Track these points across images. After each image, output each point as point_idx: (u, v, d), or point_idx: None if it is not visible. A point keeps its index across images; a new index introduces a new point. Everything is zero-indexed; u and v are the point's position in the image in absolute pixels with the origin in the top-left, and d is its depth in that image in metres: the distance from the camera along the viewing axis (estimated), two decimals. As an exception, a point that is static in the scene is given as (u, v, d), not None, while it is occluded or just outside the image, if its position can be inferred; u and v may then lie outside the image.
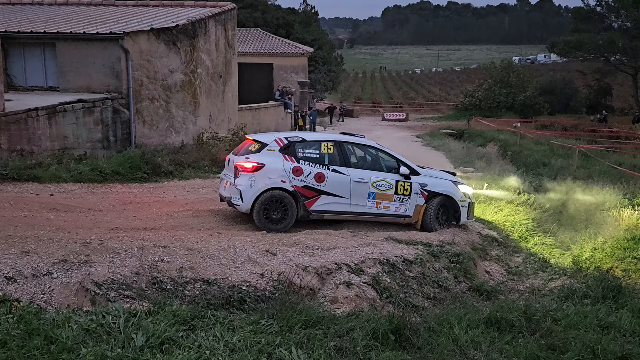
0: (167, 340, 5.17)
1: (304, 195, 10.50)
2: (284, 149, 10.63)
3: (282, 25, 54.78)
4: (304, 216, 10.60)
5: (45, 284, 6.54)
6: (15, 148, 13.59)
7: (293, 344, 5.45)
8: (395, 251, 9.24)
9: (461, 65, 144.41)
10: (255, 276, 7.55)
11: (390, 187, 10.97)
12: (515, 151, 28.07)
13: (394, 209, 11.06)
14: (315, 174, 10.55)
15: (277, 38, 44.22)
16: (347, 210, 10.81)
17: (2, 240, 7.98)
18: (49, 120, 14.51)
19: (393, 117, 57.53)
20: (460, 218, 11.44)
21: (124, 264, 7.24)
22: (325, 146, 10.87)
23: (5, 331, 4.91)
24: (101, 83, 17.12)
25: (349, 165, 10.88)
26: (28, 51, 17.83)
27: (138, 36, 17.50)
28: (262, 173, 10.35)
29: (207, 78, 21.39)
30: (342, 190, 10.70)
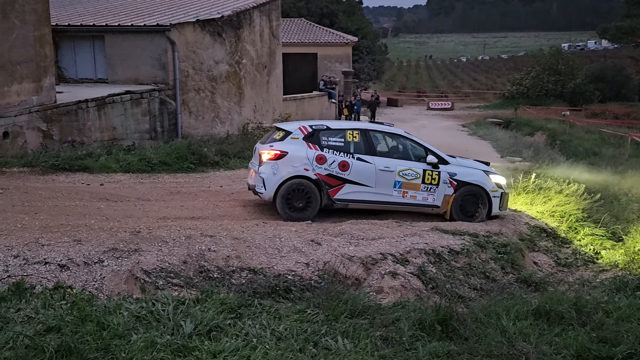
0: (214, 327, 5.23)
1: (328, 183, 10.39)
2: (308, 137, 10.53)
3: (326, 14, 54.63)
4: (328, 205, 10.48)
5: (97, 272, 6.69)
6: (66, 139, 13.92)
7: (339, 333, 5.46)
8: (441, 241, 9.15)
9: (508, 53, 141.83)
10: (300, 265, 7.58)
11: (418, 176, 10.74)
12: (564, 140, 27.47)
13: (422, 199, 10.81)
14: (340, 163, 10.43)
15: (321, 28, 44.13)
16: (372, 199, 10.64)
17: (55, 229, 8.20)
18: (98, 111, 14.81)
19: (438, 106, 56.95)
20: (492, 209, 11.08)
21: (172, 252, 7.36)
22: (351, 134, 10.71)
23: (59, 317, 5.05)
24: (148, 75, 17.38)
25: (375, 154, 10.69)
26: (78, 44, 18.21)
27: (184, 28, 17.70)
28: (285, 161, 10.29)
29: (251, 68, 21.51)
30: (367, 179, 10.53)
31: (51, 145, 13.42)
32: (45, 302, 5.52)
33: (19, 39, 12.47)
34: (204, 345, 4.86)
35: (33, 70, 12.92)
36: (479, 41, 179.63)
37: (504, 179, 11.67)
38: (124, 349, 4.65)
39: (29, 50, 12.77)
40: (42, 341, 4.55)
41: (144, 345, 4.69)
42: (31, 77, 12.88)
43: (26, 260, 6.65)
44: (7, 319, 5.03)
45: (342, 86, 38.13)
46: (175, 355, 4.69)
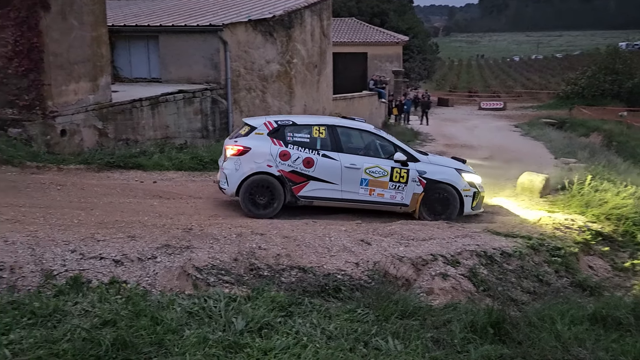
0: (265, 325, 5.26)
1: (292, 180, 10.27)
2: (272, 133, 10.42)
3: (376, 14, 54.45)
4: (292, 202, 10.36)
5: (150, 268, 6.82)
6: (121, 137, 14.22)
7: (389, 334, 5.42)
8: (493, 243, 9.00)
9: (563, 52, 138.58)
10: (350, 265, 7.57)
11: (385, 174, 10.52)
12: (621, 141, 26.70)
13: (389, 197, 10.60)
14: (304, 159, 10.29)
15: (371, 27, 44.01)
16: (337, 197, 10.49)
17: (110, 225, 8.40)
18: (152, 110, 15.08)
19: (490, 106, 56.08)
20: (464, 208, 10.84)
21: (223, 250, 7.44)
22: (317, 130, 10.56)
23: (115, 311, 5.15)
24: (201, 74, 17.62)
25: (341, 151, 10.51)
26: (133, 44, 18.59)
27: (236, 27, 17.88)
28: (247, 157, 10.21)
29: (302, 68, 21.59)
30: (332, 176, 10.37)
31: (106, 143, 13.73)
32: (101, 297, 5.65)
33: (77, 39, 12.79)
34: (255, 342, 4.89)
35: (90, 70, 13.23)
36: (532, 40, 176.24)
37: (478, 178, 11.40)
38: (177, 344, 4.71)
39: (86, 50, 13.09)
40: (98, 334, 4.65)
41: (196, 341, 4.75)
42: (88, 77, 13.20)
43: (82, 255, 6.83)
44: (65, 312, 5.16)
45: (392, 86, 37.94)
46: (227, 352, 4.73)
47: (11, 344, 4.49)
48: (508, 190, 14.51)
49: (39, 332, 4.68)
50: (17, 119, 12.34)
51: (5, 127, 12.35)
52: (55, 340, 4.56)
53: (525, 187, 13.59)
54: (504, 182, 16.27)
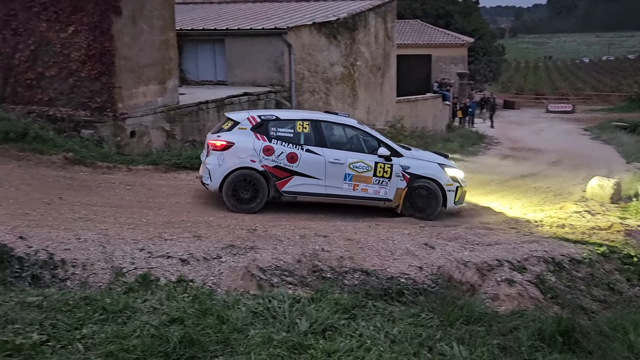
0: (329, 327, 5.26)
1: (275, 175, 10.19)
2: (256, 128, 10.33)
3: (441, 15, 53.83)
4: (276, 197, 10.29)
5: (215, 267, 6.94)
6: (187, 138, 14.51)
7: (454, 339, 5.34)
8: (561, 249, 8.75)
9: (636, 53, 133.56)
10: (413, 269, 7.51)
11: (369, 169, 10.45)
12: (698, 146, 25.53)
13: (373, 192, 10.52)
14: (288, 154, 10.21)
15: (435, 29, 43.57)
16: (321, 192, 10.41)
17: (177, 225, 8.58)
18: (217, 112, 15.33)
19: (558, 109, 54.62)
20: (447, 203, 10.79)
21: (286, 251, 7.50)
22: (301, 125, 10.46)
23: (182, 309, 5.26)
24: (265, 77, 17.82)
25: (325, 146, 10.44)
26: (200, 47, 18.97)
27: (301, 30, 18.01)
28: (231, 152, 10.14)
29: (365, 70, 21.56)
30: (316, 171, 10.30)
31: (173, 144, 14.03)
32: (169, 294, 5.78)
33: (146, 43, 13.13)
34: (319, 344, 4.90)
35: (159, 73, 13.56)
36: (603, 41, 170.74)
37: (461, 173, 11.31)
38: (243, 344, 4.77)
39: (155, 54, 13.42)
40: (166, 331, 4.75)
41: (261, 341, 4.79)
42: (157, 79, 13.52)
43: (150, 253, 7.01)
44: (135, 308, 5.30)
45: (457, 88, 37.45)
46: (291, 352, 4.76)
47: (84, 338, 4.64)
48: (577, 195, 14.12)
49: (110, 327, 4.82)
50: (90, 121, 12.75)
51: (78, 128, 12.78)
52: (126, 336, 4.69)
53: (595, 193, 13.17)
54: (572, 187, 15.85)
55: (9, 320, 4.79)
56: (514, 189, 15.74)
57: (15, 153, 11.60)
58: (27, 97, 13.29)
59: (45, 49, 12.91)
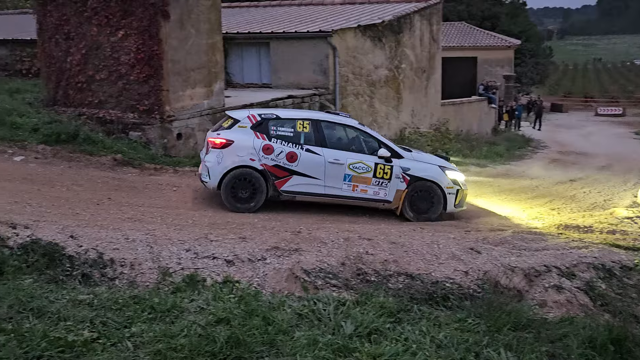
0: (374, 330, 5.23)
1: (274, 174, 10.16)
2: (256, 126, 10.30)
3: (487, 17, 53.14)
4: (274, 196, 10.26)
5: (259, 269, 6.98)
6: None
7: (502, 346, 5.24)
8: (612, 256, 8.50)
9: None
10: (459, 273, 7.40)
11: (368, 170, 10.42)
12: None
13: (372, 193, 10.50)
14: (287, 153, 10.17)
15: (481, 31, 43.05)
16: (320, 192, 10.37)
17: (222, 226, 8.67)
18: (262, 115, 15.43)
19: (607, 112, 53.45)
20: (447, 206, 10.73)
21: (330, 253, 7.49)
22: (301, 125, 10.42)
23: (228, 309, 5.31)
24: (309, 79, 17.86)
25: (325, 146, 10.40)
26: (245, 51, 19.15)
27: (345, 33, 18.01)
28: (230, 150, 10.10)
29: (410, 73, 21.44)
30: (316, 171, 10.26)
31: (219, 146, 14.18)
32: (215, 295, 5.84)
33: (193, 46, 13.31)
34: (364, 347, 4.88)
35: (205, 76, 13.73)
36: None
37: (462, 176, 11.19)
38: (288, 345, 4.78)
39: (202, 57, 13.59)
40: (213, 331, 4.80)
41: (306, 343, 4.80)
42: (203, 82, 13.70)
43: (196, 254, 7.09)
44: (182, 308, 5.37)
45: (503, 91, 36.93)
46: (337, 355, 4.75)
47: (133, 336, 4.72)
48: (628, 200, 13.77)
49: (158, 326, 4.89)
50: (138, 123, 13.01)
51: (126, 130, 13.05)
52: (173, 335, 4.75)
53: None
54: (622, 192, 15.47)
55: (61, 317, 4.91)
56: (561, 194, 15.44)
57: (67, 154, 11.91)
58: (78, 99, 13.64)
59: (96, 53, 13.23)
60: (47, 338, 4.48)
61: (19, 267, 6.08)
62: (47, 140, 12.15)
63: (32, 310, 5.00)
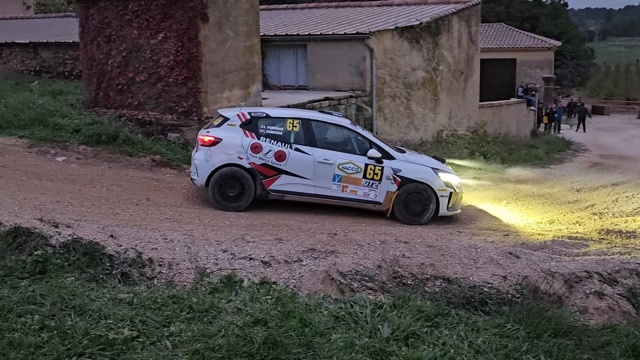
0: (411, 334, 5.19)
1: (262, 173, 10.10)
2: (245, 125, 10.26)
3: (527, 18, 52.43)
4: (262, 195, 10.18)
5: (296, 270, 6.99)
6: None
7: (542, 352, 5.15)
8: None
9: None
10: (497, 278, 7.31)
11: (358, 171, 10.28)
12: None
13: (362, 194, 10.35)
14: (276, 152, 10.10)
15: (520, 32, 42.44)
16: (309, 192, 10.27)
17: (259, 227, 8.72)
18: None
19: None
20: (440, 209, 10.47)
21: (366, 256, 7.47)
22: (291, 124, 10.36)
23: (265, 311, 5.33)
24: (346, 81, 17.83)
25: (315, 145, 10.30)
26: (282, 52, 19.21)
27: (383, 35, 17.94)
28: (218, 148, 10.07)
29: (448, 75, 21.26)
30: (304, 170, 10.16)
31: (256, 148, 14.25)
32: (252, 296, 5.87)
33: (231, 49, 13.42)
34: (402, 350, 4.85)
35: (242, 78, 13.83)
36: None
37: (456, 179, 10.97)
38: (325, 347, 4.77)
39: (239, 59, 13.69)
40: (250, 332, 4.83)
41: (343, 345, 4.79)
42: (241, 84, 13.80)
43: (233, 255, 7.14)
44: (220, 308, 5.41)
45: (542, 93, 36.38)
46: (373, 358, 4.72)
47: (171, 335, 4.77)
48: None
49: (197, 326, 4.94)
50: (176, 124, 13.16)
51: (165, 131, 13.22)
52: (211, 335, 4.79)
53: (692, 203, 12.50)
54: (666, 197, 15.08)
55: (102, 316, 5.00)
56: (604, 198, 15.12)
57: (107, 155, 12.12)
58: (118, 101, 13.87)
59: (136, 55, 13.44)
60: (88, 335, 4.56)
61: (61, 266, 6.21)
62: (88, 141, 12.39)
63: (74, 308, 5.10)
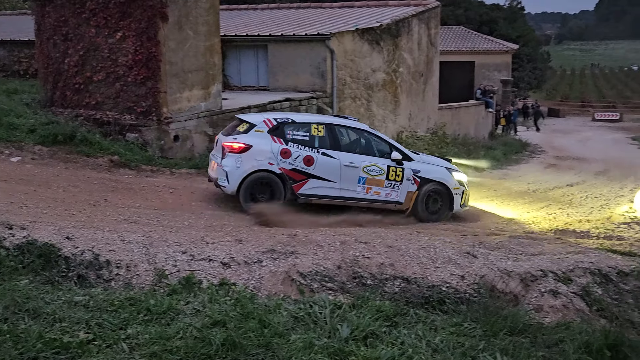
0: (370, 334, 5.22)
1: (292, 178, 10.29)
2: (272, 130, 10.42)
3: (485, 22, 53.31)
4: (292, 200, 10.37)
5: (255, 271, 6.97)
6: (230, 143, 14.62)
7: (498, 350, 5.24)
8: (608, 261, 8.52)
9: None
10: (455, 277, 7.41)
11: (382, 173, 10.74)
12: None
13: (385, 195, 10.80)
14: (304, 157, 10.34)
15: (479, 35, 43.08)
16: (336, 195, 10.59)
17: (219, 229, 8.68)
18: (260, 117, 15.43)
19: (604, 118, 53.54)
20: (454, 206, 11.22)
21: (326, 257, 7.49)
22: (316, 129, 10.61)
23: (224, 312, 5.29)
24: (307, 82, 17.85)
25: (340, 149, 10.64)
26: (243, 53, 19.13)
27: (343, 36, 18.01)
28: (249, 154, 10.18)
29: (408, 77, 21.45)
30: (332, 174, 10.46)
31: (216, 148, 14.17)
32: (211, 297, 5.83)
33: (191, 48, 13.30)
34: (360, 350, 4.87)
35: (202, 78, 13.72)
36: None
37: (465, 177, 11.67)
38: (284, 348, 4.76)
39: (199, 59, 13.58)
40: (209, 334, 4.79)
41: (302, 346, 4.78)
42: (200, 85, 13.69)
43: (193, 256, 7.08)
44: (178, 310, 5.35)
45: (500, 95, 36.98)
46: (332, 358, 4.72)
47: (128, 338, 4.70)
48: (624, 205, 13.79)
49: (154, 328, 4.87)
50: (135, 125, 12.99)
51: (123, 132, 13.04)
52: (169, 337, 4.73)
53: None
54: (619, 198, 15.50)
55: (57, 319, 4.90)
56: (558, 199, 15.47)
57: (63, 155, 11.90)
58: (75, 100, 13.63)
59: (94, 54, 13.23)
60: (42, 339, 4.46)
61: (15, 268, 6.08)
62: (44, 141, 12.14)
63: (28, 311, 4.99)
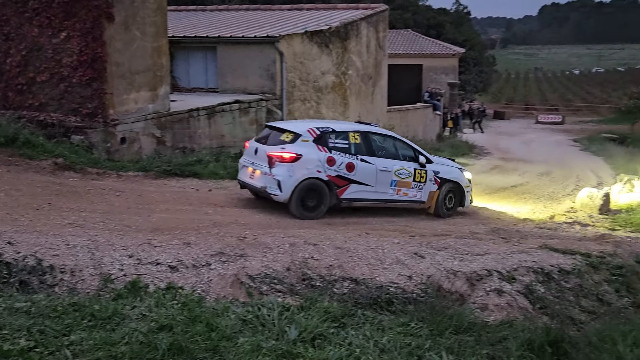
0: (318, 335, 5.23)
1: (336, 184, 10.98)
2: (317, 140, 11.01)
3: (432, 25, 54.11)
4: (336, 204, 11.08)
5: (204, 274, 6.91)
6: (178, 145, 14.50)
7: (443, 349, 5.33)
8: (551, 260, 8.77)
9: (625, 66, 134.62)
10: (403, 278, 7.50)
11: (410, 175, 11.75)
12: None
13: (411, 195, 11.86)
14: (347, 164, 11.06)
15: (427, 39, 43.76)
16: (373, 197, 11.48)
17: (167, 232, 8.56)
18: (208, 119, 15.35)
19: (547, 120, 55.04)
20: (465, 203, 12.55)
21: (276, 259, 7.48)
22: (353, 136, 11.38)
23: (171, 316, 5.22)
24: (256, 84, 17.83)
25: (374, 155, 11.47)
26: (192, 55, 18.97)
27: (292, 39, 18.05)
28: (300, 163, 10.70)
29: (357, 79, 21.62)
30: (369, 178, 11.27)
31: (164, 151, 14.01)
32: (158, 301, 5.74)
33: (138, 49, 13.13)
34: (308, 352, 4.88)
35: (150, 80, 13.56)
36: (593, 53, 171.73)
37: (471, 175, 13.19)
38: (232, 351, 4.73)
39: (147, 61, 13.42)
40: (155, 338, 4.72)
41: (250, 349, 4.76)
42: (148, 86, 13.52)
43: (140, 260, 6.97)
44: (124, 315, 5.26)
45: (448, 98, 37.60)
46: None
47: (72, 344, 4.60)
48: (566, 206, 14.20)
49: (99, 334, 4.78)
50: (80, 126, 12.74)
51: (68, 134, 12.76)
52: (114, 342, 4.65)
53: (584, 204, 13.27)
54: (561, 198, 15.94)
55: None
56: (503, 199, 15.81)
57: (5, 158, 11.55)
58: (17, 102, 13.28)
59: (37, 55, 12.92)
60: (-19, 348, 4.34)
61: (-48, 275, 5.88)
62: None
63: (-34, 319, 4.84)
